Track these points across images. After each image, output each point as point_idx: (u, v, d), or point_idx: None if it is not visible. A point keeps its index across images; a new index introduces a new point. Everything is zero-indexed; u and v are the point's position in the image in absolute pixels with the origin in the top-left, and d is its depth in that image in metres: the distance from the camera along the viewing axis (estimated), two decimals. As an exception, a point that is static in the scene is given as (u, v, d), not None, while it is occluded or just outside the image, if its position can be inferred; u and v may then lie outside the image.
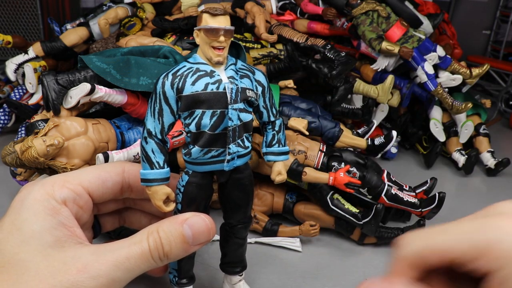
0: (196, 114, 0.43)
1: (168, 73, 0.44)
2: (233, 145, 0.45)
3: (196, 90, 0.42)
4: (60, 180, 0.43)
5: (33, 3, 1.73)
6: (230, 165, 0.46)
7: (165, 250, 0.40)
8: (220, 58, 0.44)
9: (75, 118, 0.75)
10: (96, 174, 0.45)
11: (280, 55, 1.07)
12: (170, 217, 0.42)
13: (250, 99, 0.45)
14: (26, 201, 0.40)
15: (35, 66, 1.01)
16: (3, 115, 1.09)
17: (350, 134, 0.92)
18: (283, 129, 0.51)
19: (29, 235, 0.37)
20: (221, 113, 0.43)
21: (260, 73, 0.48)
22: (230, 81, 0.44)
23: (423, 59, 1.07)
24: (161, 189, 0.44)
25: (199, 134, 0.43)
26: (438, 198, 0.75)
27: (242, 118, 0.44)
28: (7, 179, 0.84)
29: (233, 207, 0.50)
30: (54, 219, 0.39)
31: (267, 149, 0.50)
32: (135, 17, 1.13)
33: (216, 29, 0.42)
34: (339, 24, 1.19)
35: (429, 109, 1.15)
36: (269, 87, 0.49)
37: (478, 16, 2.02)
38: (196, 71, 0.44)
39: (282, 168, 0.51)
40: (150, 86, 0.80)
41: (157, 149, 0.44)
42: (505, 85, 1.68)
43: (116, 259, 0.37)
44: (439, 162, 1.15)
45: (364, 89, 1.05)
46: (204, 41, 0.43)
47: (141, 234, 0.40)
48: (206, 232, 0.42)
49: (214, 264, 0.64)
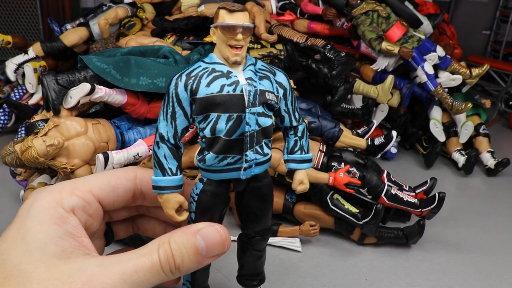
0: (211, 118, 0.40)
1: (182, 73, 0.41)
2: (251, 152, 0.41)
3: (211, 92, 0.39)
4: (69, 187, 0.41)
5: (33, 3, 1.74)
6: (247, 173, 0.42)
7: (177, 262, 0.38)
8: (238, 57, 0.40)
9: (75, 118, 0.75)
10: (106, 181, 0.43)
11: (280, 55, 1.07)
12: (182, 227, 0.40)
13: (270, 102, 0.42)
14: (33, 208, 0.38)
15: (35, 66, 1.01)
16: (3, 115, 1.09)
17: (350, 134, 0.92)
18: (307, 134, 0.48)
19: (33, 245, 0.35)
20: (237, 117, 0.40)
21: (281, 74, 0.44)
22: (248, 83, 0.40)
23: (423, 59, 1.07)
24: (173, 197, 0.42)
25: (214, 139, 0.40)
26: (438, 198, 0.75)
27: (260, 123, 0.41)
28: (7, 179, 0.84)
29: (251, 217, 0.47)
30: (61, 228, 0.37)
31: (289, 156, 0.47)
32: (135, 17, 1.13)
33: (233, 26, 0.39)
34: (339, 24, 1.19)
35: (429, 109, 1.15)
36: (291, 89, 0.45)
37: (478, 16, 2.03)
38: (212, 71, 0.41)
39: (304, 177, 0.47)
40: (150, 86, 0.80)
41: (169, 154, 0.41)
42: (505, 85, 1.68)
43: (123, 272, 0.35)
44: (439, 162, 1.15)
45: (364, 89, 1.05)
46: (221, 39, 0.40)
47: (151, 245, 0.38)
48: (221, 243, 0.40)
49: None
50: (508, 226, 0.85)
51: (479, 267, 0.71)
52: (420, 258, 0.73)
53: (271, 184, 0.46)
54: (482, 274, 0.70)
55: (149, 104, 0.84)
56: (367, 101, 1.05)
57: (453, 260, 0.73)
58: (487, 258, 0.74)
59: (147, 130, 0.83)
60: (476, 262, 0.73)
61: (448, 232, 0.81)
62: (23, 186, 0.80)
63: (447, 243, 0.78)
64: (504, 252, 0.76)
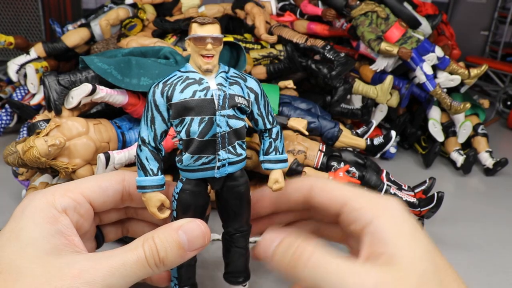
0: (186, 121, 0.43)
1: (159, 82, 0.45)
2: (223, 152, 0.44)
3: (184, 97, 0.43)
4: (62, 189, 0.44)
5: (34, 5, 1.74)
6: (221, 172, 0.45)
7: (161, 256, 0.40)
8: (209, 66, 0.44)
9: (77, 118, 0.75)
10: (97, 183, 0.47)
11: (280, 56, 1.08)
12: (165, 224, 0.43)
13: (240, 105, 0.45)
14: (27, 209, 0.41)
15: (36, 66, 1.02)
16: (5, 115, 1.10)
17: (350, 134, 0.92)
18: (281, 136, 0.51)
19: (26, 242, 0.38)
20: (209, 119, 0.43)
21: (252, 80, 0.48)
22: (218, 88, 0.44)
23: (422, 60, 1.08)
24: (155, 195, 0.45)
25: (189, 141, 0.44)
26: (436, 198, 0.75)
27: (231, 124, 0.44)
28: (9, 179, 0.85)
29: (230, 215, 0.50)
30: (53, 227, 0.40)
31: (264, 157, 0.50)
32: (136, 18, 1.14)
33: (203, 37, 0.43)
34: (338, 25, 1.20)
35: (428, 109, 1.16)
36: (263, 94, 0.49)
37: (476, 17, 2.03)
38: (186, 79, 0.45)
39: (279, 176, 0.49)
40: (151, 87, 0.80)
41: (151, 156, 0.45)
42: (503, 86, 1.68)
43: (111, 265, 0.38)
44: (438, 162, 1.16)
45: (363, 89, 1.06)
46: (193, 50, 0.45)
47: (137, 241, 0.41)
48: (201, 237, 0.43)
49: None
50: (506, 225, 0.86)
51: (478, 266, 0.72)
52: (419, 257, 0.73)
53: (248, 183, 0.49)
54: (481, 273, 0.70)
55: (150, 105, 0.84)
56: (367, 101, 1.06)
57: (452, 260, 0.73)
58: (486, 257, 0.75)
59: (148, 130, 0.83)
60: (475, 261, 0.73)
61: (447, 231, 0.82)
62: (25, 186, 0.80)
63: (446, 242, 0.78)
64: (503, 251, 0.77)
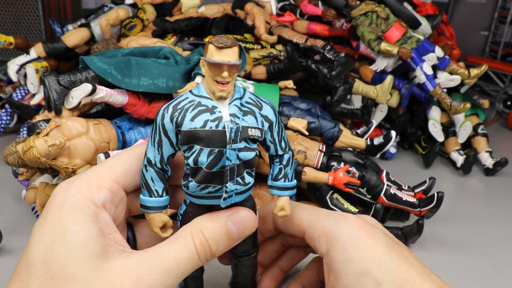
0: (194, 150, 0.41)
1: (169, 104, 0.42)
2: (231, 184, 0.42)
3: (194, 126, 0.40)
4: (95, 179, 0.41)
5: (34, 5, 1.74)
6: (227, 202, 0.43)
7: (213, 250, 0.40)
8: (224, 93, 0.41)
9: (77, 118, 0.75)
10: (128, 165, 0.44)
11: (280, 56, 1.08)
12: (212, 214, 0.43)
13: (253, 137, 0.42)
14: (65, 207, 0.38)
15: (36, 66, 1.02)
16: (5, 115, 1.10)
17: (350, 134, 0.92)
18: (292, 163, 0.48)
19: (73, 245, 0.35)
20: (218, 152, 0.40)
21: (268, 107, 0.44)
22: (231, 120, 0.41)
23: (422, 60, 1.08)
24: (158, 216, 0.44)
25: (197, 169, 0.42)
26: (436, 198, 0.75)
27: (241, 157, 0.42)
28: (9, 179, 0.85)
29: None
30: (96, 226, 0.38)
31: (273, 182, 0.48)
32: (136, 18, 1.14)
33: (220, 64, 0.40)
34: (338, 25, 1.20)
35: (428, 110, 1.16)
36: (278, 120, 0.46)
37: (476, 17, 2.03)
38: (198, 105, 0.41)
39: (286, 203, 0.47)
40: (151, 87, 0.80)
41: (156, 177, 0.43)
42: (503, 86, 1.68)
43: (167, 267, 0.37)
44: (438, 162, 1.16)
45: (363, 89, 1.06)
46: (208, 74, 0.41)
47: (184, 234, 0.40)
48: (250, 226, 0.43)
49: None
50: (506, 225, 0.86)
51: (478, 266, 0.72)
52: (419, 257, 0.73)
53: (255, 207, 0.47)
54: (480, 273, 0.70)
55: (150, 105, 0.84)
56: (367, 102, 1.06)
57: (452, 259, 0.73)
58: (485, 257, 0.75)
59: (148, 130, 0.83)
60: (475, 261, 0.73)
61: (447, 231, 0.82)
62: (25, 185, 0.80)
63: (446, 242, 0.78)
64: (503, 251, 0.77)
